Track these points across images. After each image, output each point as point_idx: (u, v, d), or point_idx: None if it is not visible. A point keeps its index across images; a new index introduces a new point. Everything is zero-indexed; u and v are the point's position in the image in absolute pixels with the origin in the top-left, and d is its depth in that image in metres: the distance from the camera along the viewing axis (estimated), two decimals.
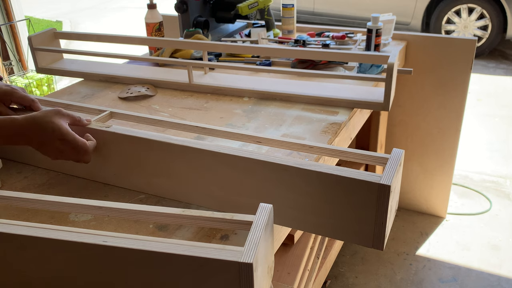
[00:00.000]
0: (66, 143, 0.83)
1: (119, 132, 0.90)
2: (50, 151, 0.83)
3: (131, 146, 0.90)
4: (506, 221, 2.13)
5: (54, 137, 0.82)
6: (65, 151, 0.83)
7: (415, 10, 4.64)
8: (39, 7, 7.94)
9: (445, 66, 1.85)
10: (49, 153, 0.84)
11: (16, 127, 0.82)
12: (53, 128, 0.82)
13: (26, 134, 0.82)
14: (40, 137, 0.82)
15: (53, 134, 0.82)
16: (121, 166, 0.94)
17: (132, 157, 0.92)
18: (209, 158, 0.84)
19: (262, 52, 1.43)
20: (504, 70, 4.15)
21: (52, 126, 0.82)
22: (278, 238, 0.93)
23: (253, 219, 0.66)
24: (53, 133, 0.82)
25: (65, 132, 0.83)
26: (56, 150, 0.83)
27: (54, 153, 0.84)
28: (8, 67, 3.31)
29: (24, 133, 0.82)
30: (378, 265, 1.91)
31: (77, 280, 0.70)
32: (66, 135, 0.82)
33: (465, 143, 2.79)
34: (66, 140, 0.82)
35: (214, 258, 0.60)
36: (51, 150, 0.83)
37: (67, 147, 0.83)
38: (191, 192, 0.90)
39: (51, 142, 0.82)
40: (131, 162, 0.92)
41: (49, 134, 0.82)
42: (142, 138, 0.88)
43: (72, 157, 0.85)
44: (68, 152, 0.84)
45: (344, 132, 1.22)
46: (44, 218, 0.87)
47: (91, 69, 1.58)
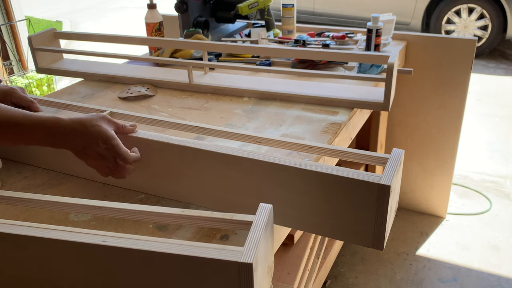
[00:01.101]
0: (109, 148, 0.79)
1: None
2: (91, 155, 0.80)
3: (130, 146, 0.90)
4: (506, 221, 2.13)
5: (99, 140, 0.79)
6: (107, 157, 0.80)
7: (415, 10, 4.64)
8: (39, 7, 7.94)
9: (445, 66, 1.85)
10: (89, 157, 0.80)
11: (62, 127, 0.79)
12: (99, 131, 0.79)
13: (70, 136, 0.79)
14: (84, 140, 0.79)
15: (98, 136, 0.79)
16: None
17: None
18: (209, 158, 0.84)
19: (262, 52, 1.43)
20: (504, 70, 4.15)
21: (99, 129, 0.79)
22: (278, 238, 0.93)
23: (253, 219, 0.66)
24: (98, 135, 0.79)
25: (111, 136, 0.80)
26: (97, 154, 0.80)
27: (95, 157, 0.80)
28: (8, 67, 3.31)
29: (68, 134, 0.79)
30: (378, 265, 1.91)
31: (77, 280, 0.70)
32: (111, 139, 0.80)
33: (465, 143, 2.79)
34: (110, 144, 0.80)
35: (214, 258, 0.60)
36: (92, 154, 0.80)
37: (109, 153, 0.80)
38: (191, 192, 0.90)
39: (95, 145, 0.79)
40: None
41: (94, 136, 0.79)
42: (141, 138, 0.88)
43: (112, 164, 0.81)
44: (109, 158, 0.80)
45: (344, 132, 1.22)
46: (44, 218, 0.87)
47: (91, 69, 1.58)
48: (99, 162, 0.81)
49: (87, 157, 0.81)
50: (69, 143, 0.80)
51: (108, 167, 0.81)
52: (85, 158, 0.81)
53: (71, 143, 0.80)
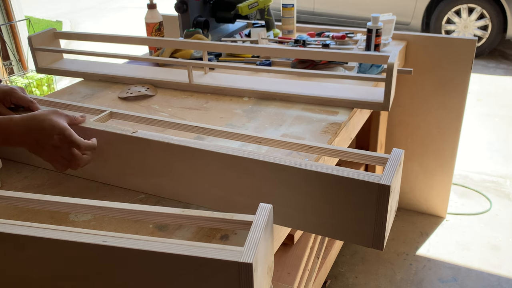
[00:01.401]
0: (63, 139, 0.81)
1: (118, 132, 0.90)
2: (46, 149, 0.82)
3: (130, 146, 0.90)
4: (506, 221, 2.13)
5: (52, 133, 0.81)
6: (62, 148, 0.81)
7: (415, 10, 4.64)
8: (39, 7, 7.93)
9: (445, 66, 1.85)
10: (44, 151, 0.82)
11: (13, 126, 0.81)
12: (52, 124, 0.81)
13: (22, 133, 0.81)
14: (37, 135, 0.81)
15: (51, 130, 0.81)
16: (120, 166, 0.94)
17: (131, 157, 0.92)
18: (209, 158, 0.84)
19: (262, 52, 1.43)
20: (504, 70, 4.15)
21: (51, 122, 0.81)
22: (278, 238, 0.93)
23: (253, 219, 0.66)
24: (51, 129, 0.81)
25: (63, 127, 0.82)
26: (51, 146, 0.81)
27: (50, 151, 0.82)
28: (8, 67, 3.31)
29: (20, 132, 0.81)
30: (378, 265, 1.91)
31: (77, 280, 0.70)
32: (64, 129, 0.81)
33: (465, 143, 2.79)
34: (63, 134, 0.81)
35: (214, 258, 0.60)
36: (47, 148, 0.81)
37: (63, 143, 0.81)
38: (191, 192, 0.90)
39: (48, 138, 0.81)
40: (131, 162, 0.92)
41: (47, 131, 0.81)
42: (141, 138, 0.88)
43: (66, 154, 0.82)
44: (63, 148, 0.82)
45: (344, 132, 1.22)
46: (44, 218, 0.87)
47: (91, 69, 1.58)
48: (53, 153, 0.82)
49: (41, 151, 0.82)
50: (23, 141, 0.82)
51: (64, 157, 0.83)
52: (39, 152, 0.82)
53: (26, 140, 0.82)
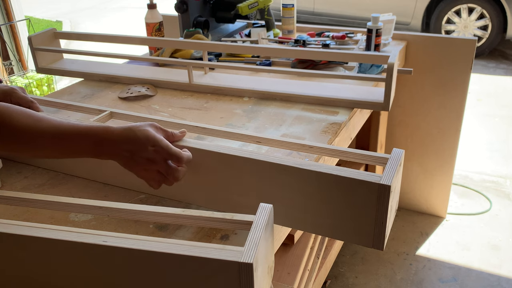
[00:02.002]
0: (158, 151, 0.76)
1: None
2: (140, 162, 0.76)
3: None
4: (506, 221, 2.13)
5: (147, 144, 0.75)
6: (157, 160, 0.76)
7: (415, 10, 4.64)
8: (39, 7, 7.94)
9: (445, 66, 1.85)
10: (138, 165, 0.76)
11: (111, 135, 0.76)
12: (147, 135, 0.76)
13: (119, 144, 0.76)
14: (132, 146, 0.75)
15: (146, 140, 0.75)
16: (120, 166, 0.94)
17: None
18: (209, 158, 0.84)
19: (262, 52, 1.43)
20: (504, 70, 4.15)
21: (146, 133, 0.76)
22: (278, 238, 0.93)
23: (253, 219, 0.66)
24: (146, 140, 0.75)
25: (159, 138, 0.76)
26: (146, 160, 0.76)
27: (144, 165, 0.76)
28: (8, 67, 3.31)
29: (117, 141, 0.76)
30: (378, 265, 1.91)
31: (77, 280, 0.70)
32: (160, 141, 0.76)
33: (465, 143, 2.79)
34: (159, 146, 0.76)
35: (214, 258, 0.60)
36: (141, 160, 0.76)
37: (159, 156, 0.76)
38: (190, 192, 0.90)
39: (143, 150, 0.75)
40: None
41: (142, 141, 0.75)
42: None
43: (163, 168, 0.77)
44: (159, 162, 0.76)
45: (344, 132, 1.22)
46: (44, 218, 0.87)
47: (91, 69, 1.58)
48: (149, 168, 0.77)
49: (136, 165, 0.76)
50: (117, 152, 0.76)
51: (160, 172, 0.77)
52: (133, 167, 0.77)
53: (119, 151, 0.76)
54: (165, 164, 0.77)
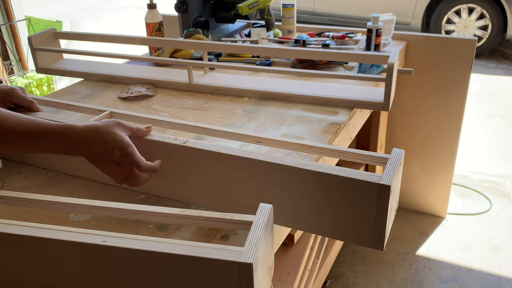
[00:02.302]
0: (124, 155, 0.78)
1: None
2: (107, 164, 0.79)
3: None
4: (506, 221, 2.13)
5: (114, 147, 0.78)
6: (122, 164, 0.79)
7: (415, 10, 4.64)
8: (39, 7, 7.93)
9: (445, 66, 1.85)
10: (105, 166, 0.79)
11: (75, 134, 0.78)
12: (115, 139, 0.78)
13: (85, 143, 0.78)
14: (100, 148, 0.78)
15: (114, 145, 0.78)
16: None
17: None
18: (209, 158, 0.84)
19: (262, 52, 1.43)
20: (504, 70, 4.15)
21: (114, 136, 0.78)
22: (278, 238, 0.93)
23: (253, 219, 0.66)
24: (114, 144, 0.78)
25: (126, 143, 0.79)
26: (113, 163, 0.78)
27: (110, 166, 0.79)
28: (8, 67, 3.31)
29: (83, 141, 0.78)
30: (378, 265, 1.91)
31: (77, 280, 0.70)
32: (127, 146, 0.79)
33: (465, 143, 2.79)
34: (125, 151, 0.78)
35: (214, 258, 0.60)
36: (108, 163, 0.79)
37: (125, 160, 0.79)
38: (190, 192, 0.90)
39: (110, 153, 0.78)
40: None
41: (110, 144, 0.78)
42: (142, 138, 0.88)
43: (127, 171, 0.80)
44: (124, 165, 0.79)
45: (344, 132, 1.22)
46: (44, 218, 0.87)
47: (91, 69, 1.58)
48: (114, 169, 0.79)
49: (102, 164, 0.79)
50: (84, 150, 0.79)
51: (123, 174, 0.80)
52: (100, 165, 0.80)
53: (86, 150, 0.78)
54: (129, 168, 0.80)
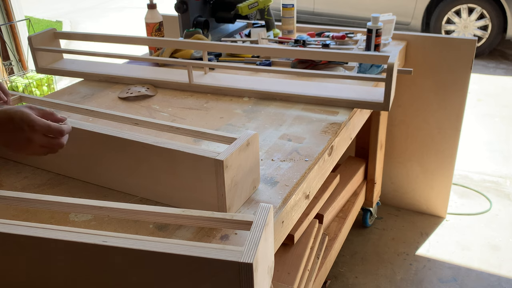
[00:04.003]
0: (35, 128, 0.79)
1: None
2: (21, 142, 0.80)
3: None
4: (506, 221, 2.13)
5: (23, 124, 0.79)
6: (35, 139, 0.80)
7: (415, 10, 4.64)
8: (39, 7, 7.94)
9: (445, 66, 1.85)
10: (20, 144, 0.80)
11: None
12: (22, 116, 0.79)
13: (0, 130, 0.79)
14: (8, 127, 0.79)
15: (21, 122, 0.79)
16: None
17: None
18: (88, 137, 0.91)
19: (262, 52, 1.43)
20: (504, 70, 4.15)
21: (21, 115, 0.79)
22: (278, 238, 0.93)
23: (253, 219, 0.66)
24: (21, 121, 0.79)
25: (34, 118, 0.80)
26: (26, 139, 0.79)
27: (25, 143, 0.80)
28: (8, 67, 3.31)
29: None
30: (378, 265, 1.91)
31: (77, 280, 0.70)
32: (36, 120, 0.80)
33: (465, 143, 2.79)
34: (36, 124, 0.79)
35: (214, 258, 0.60)
36: (22, 141, 0.79)
37: (37, 134, 0.80)
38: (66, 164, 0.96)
39: (20, 131, 0.79)
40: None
41: (18, 122, 0.79)
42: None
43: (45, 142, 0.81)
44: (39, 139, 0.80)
45: (344, 132, 1.22)
46: (44, 218, 0.87)
47: (91, 69, 1.58)
48: (31, 146, 0.80)
49: (18, 146, 0.80)
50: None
51: (43, 146, 0.81)
52: (16, 148, 0.81)
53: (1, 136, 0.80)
54: (45, 138, 0.81)
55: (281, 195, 0.91)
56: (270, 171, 0.99)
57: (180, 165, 0.84)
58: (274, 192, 0.92)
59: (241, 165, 0.84)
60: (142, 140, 0.86)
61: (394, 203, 2.25)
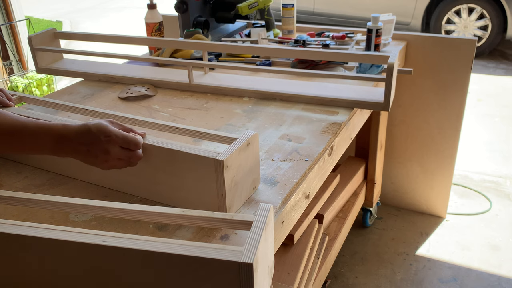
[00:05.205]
0: (112, 140, 0.78)
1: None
2: (98, 154, 0.78)
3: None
4: (506, 221, 2.13)
5: (100, 135, 0.78)
6: (113, 151, 0.78)
7: (415, 10, 4.64)
8: (39, 7, 7.94)
9: (445, 66, 1.85)
10: (97, 157, 0.79)
11: (69, 132, 0.78)
12: (99, 128, 0.78)
13: (75, 140, 0.78)
14: (86, 139, 0.78)
15: (99, 133, 0.78)
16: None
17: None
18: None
19: (262, 52, 1.43)
20: (504, 70, 4.15)
21: (99, 126, 0.78)
22: (278, 238, 0.93)
23: (253, 219, 0.66)
24: (99, 132, 0.78)
25: (112, 129, 0.79)
26: (102, 151, 0.78)
27: (102, 155, 0.78)
28: (8, 67, 3.31)
29: (73, 137, 0.78)
30: (378, 265, 1.91)
31: (77, 280, 0.70)
32: (113, 131, 0.78)
33: (465, 143, 2.79)
34: (113, 135, 0.78)
35: (214, 258, 0.60)
36: (98, 153, 0.78)
37: (115, 146, 0.78)
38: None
39: (97, 142, 0.78)
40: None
41: (95, 134, 0.78)
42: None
43: (123, 154, 0.80)
44: (116, 152, 0.79)
45: (344, 132, 1.22)
46: (44, 218, 0.87)
47: (91, 69, 1.58)
48: (108, 158, 0.79)
49: (95, 159, 0.79)
50: (74, 148, 0.79)
51: (120, 159, 0.80)
52: (93, 161, 0.79)
53: (76, 146, 0.78)
54: (122, 151, 0.80)
55: (281, 195, 0.91)
56: (270, 171, 0.99)
57: (180, 165, 0.83)
58: (274, 192, 0.92)
59: (241, 165, 0.84)
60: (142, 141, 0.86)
61: (394, 203, 2.25)
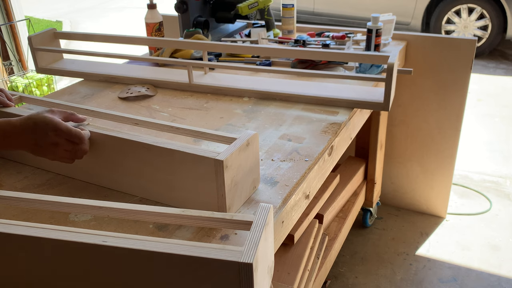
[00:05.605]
0: (60, 134, 0.82)
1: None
2: (47, 149, 0.83)
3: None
4: (506, 221, 2.13)
5: (47, 129, 0.82)
6: (60, 143, 0.83)
7: (415, 10, 4.64)
8: (39, 7, 7.93)
9: (445, 66, 1.85)
10: (46, 151, 0.83)
11: (10, 127, 0.82)
12: (46, 122, 0.82)
13: (22, 134, 0.82)
14: (34, 134, 0.82)
15: (46, 127, 0.82)
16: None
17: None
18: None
19: (262, 52, 1.43)
20: (504, 70, 4.15)
21: (44, 120, 0.82)
22: (278, 238, 0.93)
23: (253, 219, 0.66)
24: (46, 126, 0.82)
25: (57, 122, 0.83)
26: (51, 144, 0.82)
27: (50, 148, 0.83)
28: (8, 67, 3.31)
29: (19, 133, 0.82)
30: (378, 265, 1.91)
31: (77, 280, 0.70)
32: (59, 124, 0.83)
33: (465, 143, 2.79)
34: (60, 129, 0.82)
35: (214, 258, 0.60)
36: (47, 147, 0.83)
37: (62, 139, 0.83)
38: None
39: (45, 136, 0.82)
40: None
41: (42, 128, 0.82)
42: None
43: (69, 147, 0.84)
44: (63, 144, 0.83)
45: (344, 132, 1.22)
46: (44, 218, 0.87)
47: (91, 69, 1.58)
48: (55, 151, 0.83)
49: (43, 151, 0.83)
50: (22, 142, 0.83)
51: (67, 151, 0.84)
52: (41, 153, 0.84)
53: (24, 141, 0.83)
54: (69, 144, 0.84)
55: (281, 195, 0.91)
56: (270, 171, 0.99)
57: (180, 165, 0.83)
58: (274, 192, 0.92)
59: (241, 165, 0.84)
60: (142, 140, 0.86)
61: (394, 203, 2.25)
